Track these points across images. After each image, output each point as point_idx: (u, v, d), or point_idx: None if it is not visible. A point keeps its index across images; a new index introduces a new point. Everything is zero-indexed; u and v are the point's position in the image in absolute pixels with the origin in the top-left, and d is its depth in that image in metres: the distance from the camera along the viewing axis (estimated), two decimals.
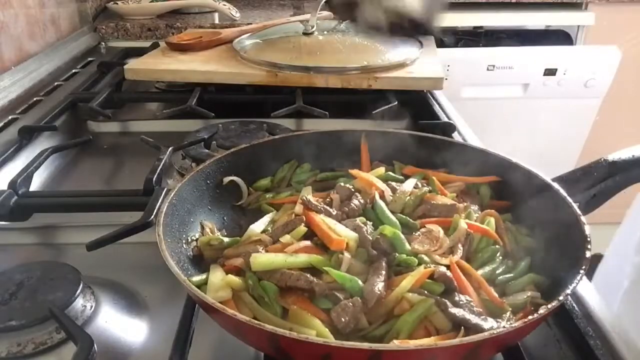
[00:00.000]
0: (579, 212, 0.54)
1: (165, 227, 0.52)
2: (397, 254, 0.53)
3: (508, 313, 0.49)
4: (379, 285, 0.49)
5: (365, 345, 0.39)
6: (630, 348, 0.51)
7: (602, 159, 0.62)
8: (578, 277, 0.46)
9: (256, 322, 0.41)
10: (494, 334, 0.41)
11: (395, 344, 0.44)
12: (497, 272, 0.55)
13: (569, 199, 0.56)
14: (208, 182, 0.64)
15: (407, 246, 0.54)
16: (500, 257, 0.57)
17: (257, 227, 0.60)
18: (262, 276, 0.51)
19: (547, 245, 0.57)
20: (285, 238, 0.56)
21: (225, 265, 0.55)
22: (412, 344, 0.44)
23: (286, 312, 0.49)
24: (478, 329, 0.45)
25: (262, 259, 0.52)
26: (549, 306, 0.43)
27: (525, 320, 0.42)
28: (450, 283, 0.51)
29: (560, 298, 0.44)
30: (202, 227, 0.61)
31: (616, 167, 0.61)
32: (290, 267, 0.51)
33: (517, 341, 0.49)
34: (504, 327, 0.42)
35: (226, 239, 0.59)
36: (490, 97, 2.05)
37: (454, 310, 0.47)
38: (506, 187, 0.65)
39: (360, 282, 0.50)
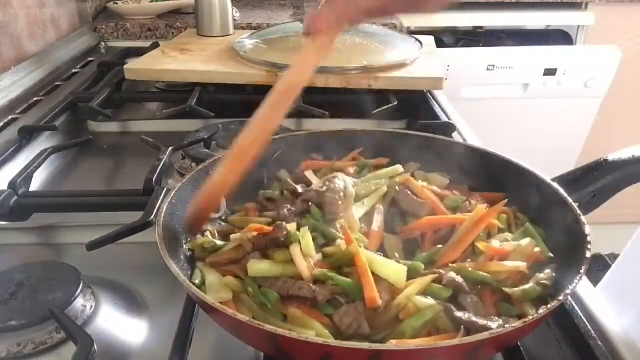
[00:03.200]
0: (578, 211, 0.54)
1: (165, 228, 0.52)
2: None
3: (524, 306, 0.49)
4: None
5: (366, 345, 0.39)
6: (631, 348, 0.51)
7: (602, 159, 0.62)
8: (578, 277, 0.46)
9: (257, 322, 0.41)
10: (493, 334, 0.41)
11: (394, 343, 0.44)
12: None
13: (569, 199, 0.56)
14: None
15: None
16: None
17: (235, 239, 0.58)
18: (262, 283, 0.51)
19: (547, 245, 0.57)
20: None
21: (222, 270, 0.55)
22: (412, 343, 0.44)
23: (286, 317, 0.49)
24: (485, 331, 0.45)
25: (259, 266, 0.51)
26: (549, 306, 0.43)
27: (525, 320, 0.42)
28: (460, 288, 0.50)
29: (561, 298, 0.44)
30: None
31: (616, 166, 0.61)
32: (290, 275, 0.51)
33: (517, 341, 0.49)
34: (505, 327, 0.42)
35: (219, 242, 0.58)
36: (490, 97, 2.05)
37: (459, 314, 0.46)
38: (505, 187, 0.65)
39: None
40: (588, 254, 0.48)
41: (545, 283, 0.50)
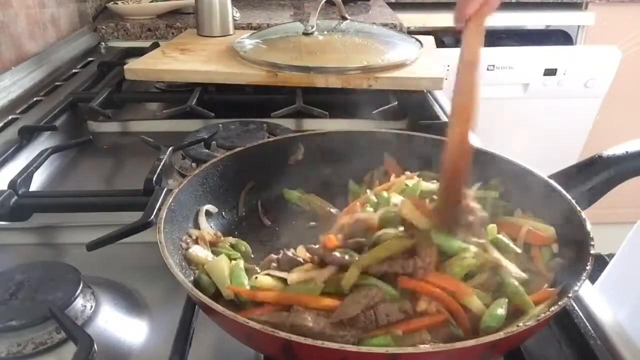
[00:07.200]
0: (579, 209, 0.54)
1: (165, 235, 0.52)
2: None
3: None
4: None
5: (382, 348, 0.39)
6: (631, 348, 0.51)
7: (597, 155, 0.62)
8: (584, 275, 0.46)
9: (269, 329, 0.40)
10: (508, 333, 0.41)
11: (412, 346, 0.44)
12: None
13: (569, 196, 0.56)
14: (205, 186, 0.64)
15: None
16: None
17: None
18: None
19: None
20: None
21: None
22: (430, 346, 0.44)
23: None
24: None
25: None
26: (560, 303, 0.43)
27: (539, 318, 0.42)
28: None
29: (570, 295, 0.44)
30: (190, 236, 0.60)
31: (610, 162, 0.61)
32: None
33: (529, 339, 0.49)
34: (518, 326, 0.42)
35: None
36: (490, 97, 2.05)
37: None
38: (504, 187, 0.65)
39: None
40: (592, 251, 0.48)
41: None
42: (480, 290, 0.49)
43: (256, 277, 0.51)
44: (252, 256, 0.60)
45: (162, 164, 0.78)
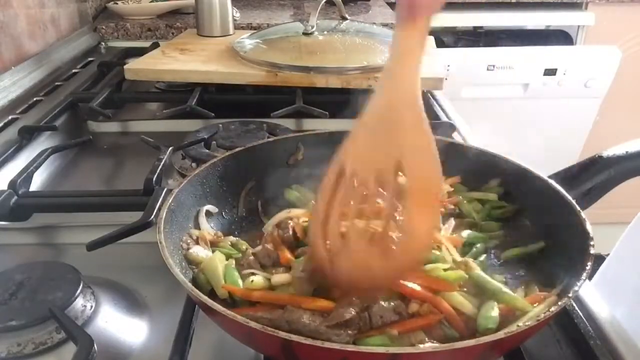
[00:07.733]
0: (579, 209, 0.54)
1: (165, 235, 0.52)
2: None
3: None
4: None
5: (382, 348, 0.39)
6: (630, 348, 0.51)
7: (597, 155, 0.63)
8: (583, 275, 0.46)
9: (269, 329, 0.40)
10: (509, 333, 0.41)
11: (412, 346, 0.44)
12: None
13: (568, 196, 0.56)
14: (205, 186, 0.64)
15: None
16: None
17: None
18: None
19: (547, 245, 0.57)
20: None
21: None
22: (429, 346, 0.44)
23: None
24: None
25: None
26: (560, 303, 0.44)
27: (539, 318, 0.42)
28: None
29: (570, 295, 0.44)
30: (190, 236, 0.60)
31: (610, 162, 0.61)
32: None
33: (529, 338, 0.49)
34: (519, 325, 0.42)
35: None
36: (490, 97, 2.05)
37: None
38: (505, 186, 0.65)
39: None
40: (592, 251, 0.48)
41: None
42: (465, 294, 0.50)
43: (252, 281, 0.51)
44: None
45: (162, 164, 0.78)
